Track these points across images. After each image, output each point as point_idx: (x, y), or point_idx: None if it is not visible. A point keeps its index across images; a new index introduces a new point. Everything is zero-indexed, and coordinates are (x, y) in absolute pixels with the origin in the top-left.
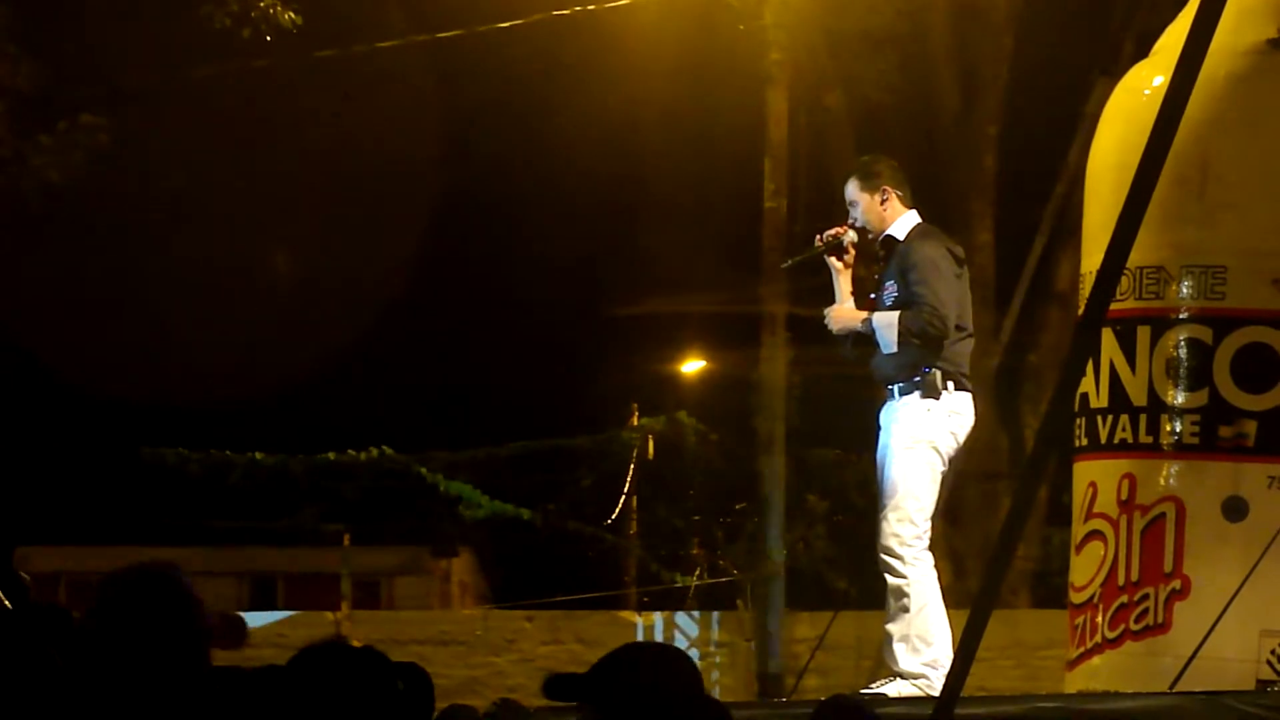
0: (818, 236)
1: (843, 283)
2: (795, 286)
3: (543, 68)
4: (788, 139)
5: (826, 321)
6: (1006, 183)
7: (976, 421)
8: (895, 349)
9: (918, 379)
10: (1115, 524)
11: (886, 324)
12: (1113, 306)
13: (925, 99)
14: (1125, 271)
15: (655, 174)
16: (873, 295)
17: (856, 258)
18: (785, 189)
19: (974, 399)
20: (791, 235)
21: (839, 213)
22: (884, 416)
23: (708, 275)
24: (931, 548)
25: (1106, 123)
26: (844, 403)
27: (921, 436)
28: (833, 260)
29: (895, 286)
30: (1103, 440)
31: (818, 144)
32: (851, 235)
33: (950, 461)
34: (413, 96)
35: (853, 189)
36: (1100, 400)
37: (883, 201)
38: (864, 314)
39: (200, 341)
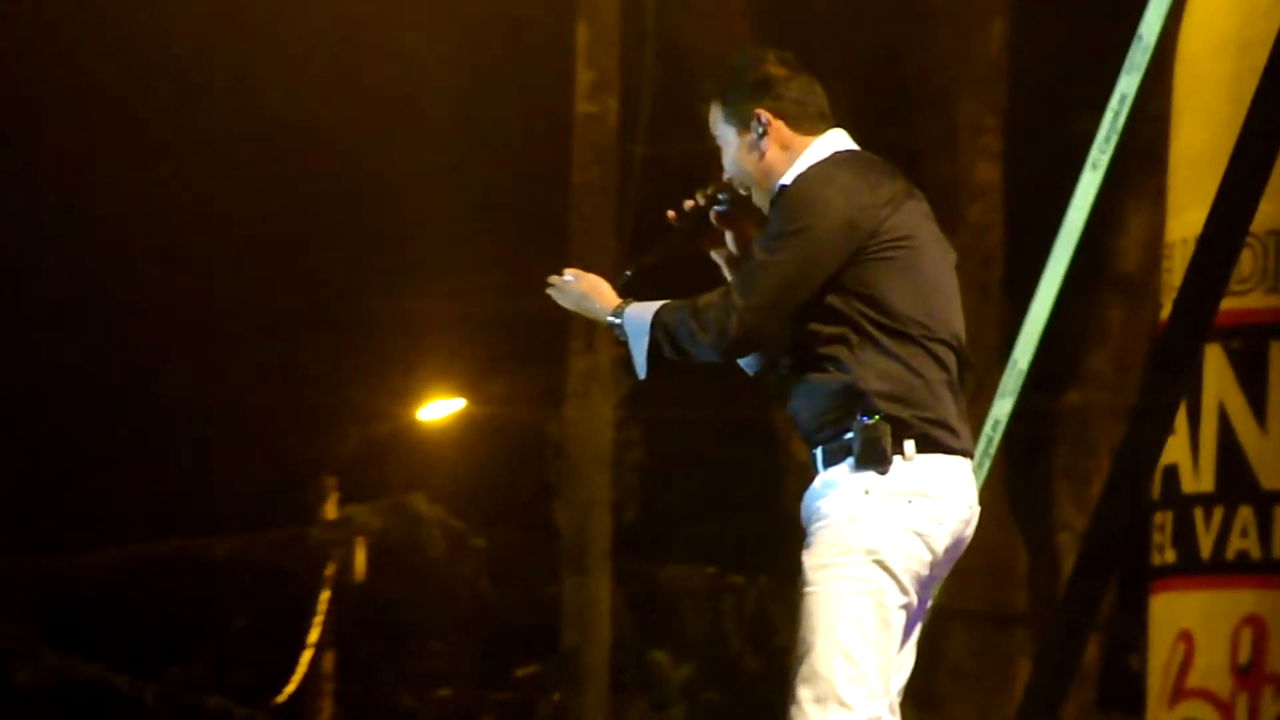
0: (670, 213)
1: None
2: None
3: None
4: None
5: (553, 291)
6: (1025, 78)
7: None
8: (643, 370)
9: (848, 434)
10: (1228, 708)
11: (637, 323)
12: (1226, 304)
13: None
14: (1249, 238)
15: (384, 73)
16: None
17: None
18: (617, 79)
19: (964, 467)
20: (627, 165)
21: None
22: (805, 503)
23: (476, 244)
24: None
25: None
26: (721, 478)
27: (854, 541)
28: (714, 254)
29: None
30: (1205, 554)
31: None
32: (719, 199)
33: (922, 584)
34: None
35: (714, 118)
36: (1201, 480)
37: (760, 136)
38: (617, 301)
39: None
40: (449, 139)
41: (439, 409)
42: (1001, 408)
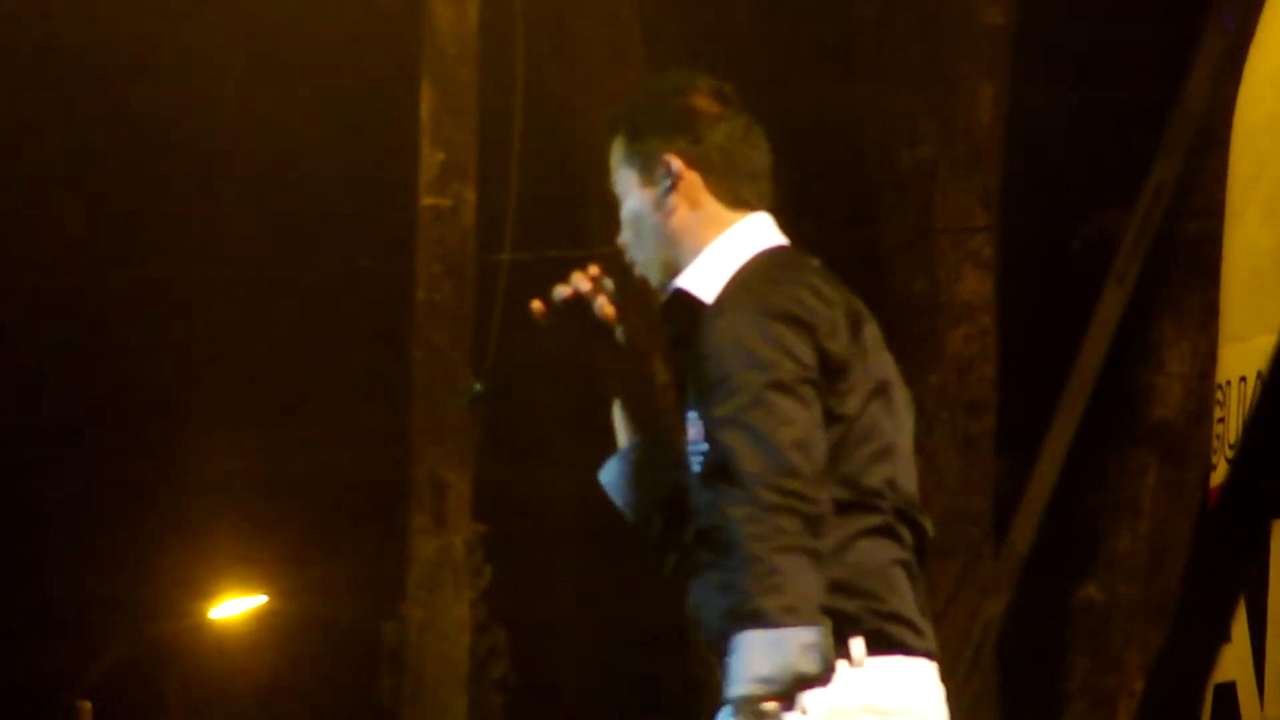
0: (536, 304)
1: (619, 402)
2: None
3: None
4: (479, 33)
5: None
6: (1025, 161)
7: None
8: (823, 664)
9: None
10: None
11: (755, 650)
12: None
13: None
14: None
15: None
16: (690, 445)
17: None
18: (474, 161)
19: (930, 672)
20: (489, 278)
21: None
22: None
23: (288, 384)
24: None
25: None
26: (616, 698)
27: None
28: (598, 361)
29: (700, 422)
30: None
31: (560, 43)
32: (608, 286)
33: None
34: None
35: (615, 156)
36: (1268, 705)
37: (667, 191)
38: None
39: None
40: (259, 243)
41: (234, 606)
42: (993, 605)
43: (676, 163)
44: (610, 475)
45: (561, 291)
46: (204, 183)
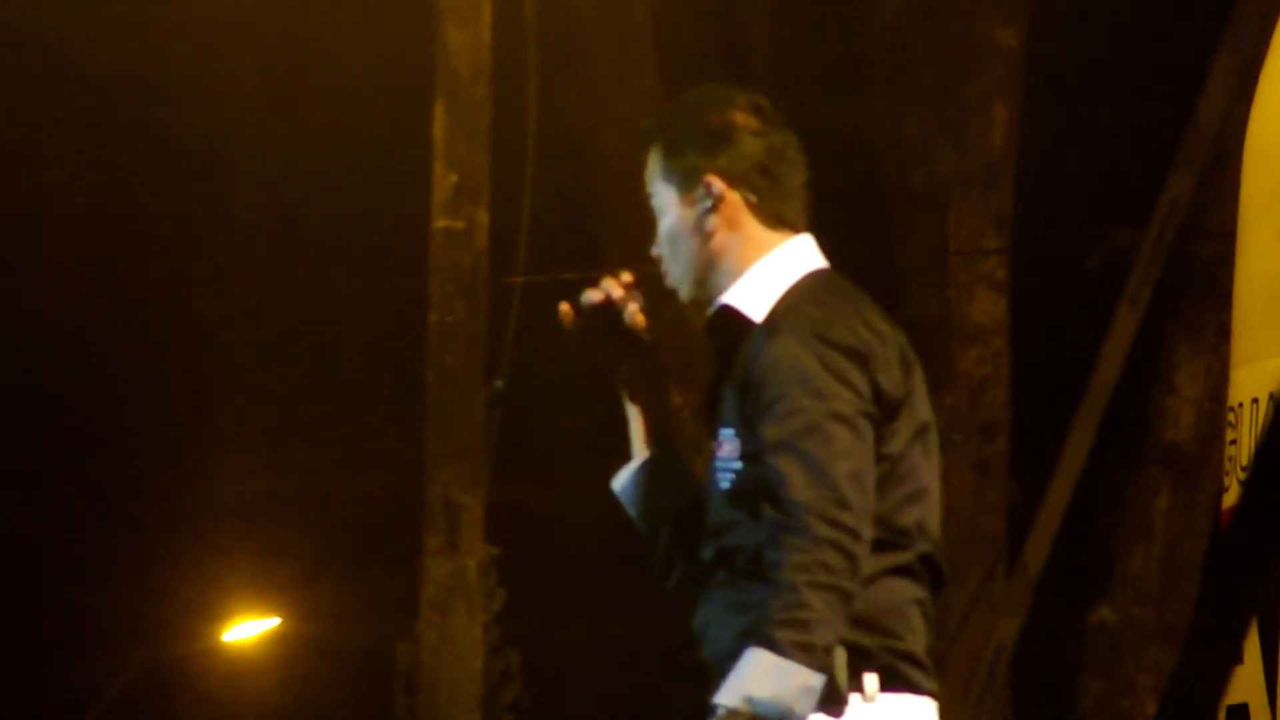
0: (564, 307)
1: (638, 412)
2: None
3: None
4: (491, 54)
5: None
6: (1037, 180)
7: None
8: (790, 684)
9: None
10: None
11: (759, 671)
12: None
13: None
14: None
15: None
16: (718, 462)
17: (675, 339)
18: (487, 183)
19: (933, 713)
20: (503, 300)
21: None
22: None
23: (302, 405)
24: None
25: None
26: None
27: None
28: (621, 374)
29: (736, 440)
30: None
31: (572, 63)
32: (637, 303)
33: None
34: None
35: (652, 169)
36: None
37: (708, 211)
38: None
39: None
40: (272, 265)
41: (247, 628)
42: (1006, 626)
43: (718, 184)
44: (623, 485)
45: (591, 297)
46: (217, 204)
